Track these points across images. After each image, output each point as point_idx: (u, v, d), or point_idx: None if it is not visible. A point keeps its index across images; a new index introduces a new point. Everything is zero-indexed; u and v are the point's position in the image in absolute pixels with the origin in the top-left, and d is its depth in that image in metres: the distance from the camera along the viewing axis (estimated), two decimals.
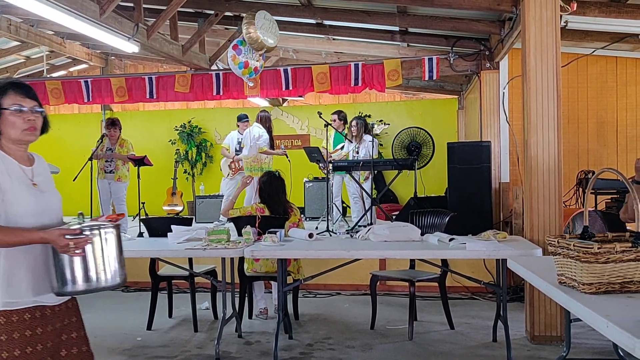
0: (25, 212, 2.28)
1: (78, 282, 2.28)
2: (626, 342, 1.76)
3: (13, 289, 2.23)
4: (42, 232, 2.23)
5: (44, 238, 2.22)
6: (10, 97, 2.32)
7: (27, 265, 2.27)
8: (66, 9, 5.37)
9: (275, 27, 6.90)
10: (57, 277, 2.28)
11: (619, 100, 7.82)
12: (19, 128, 2.33)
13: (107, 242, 2.32)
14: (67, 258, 2.24)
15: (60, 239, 2.20)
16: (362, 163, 7.64)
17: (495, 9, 5.80)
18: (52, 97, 8.20)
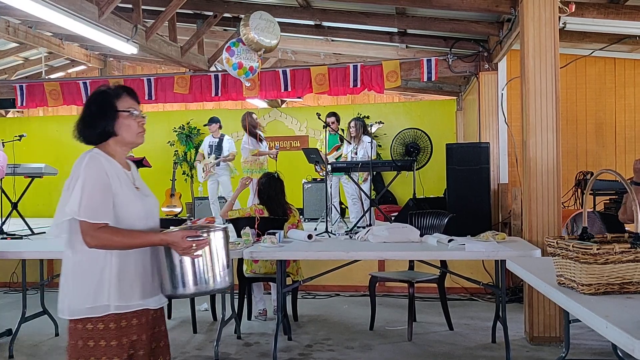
0: (136, 215, 2.29)
1: (190, 285, 2.26)
2: (625, 343, 1.76)
3: (124, 292, 2.22)
4: (162, 234, 2.24)
5: (164, 240, 2.22)
6: (125, 100, 2.35)
7: (137, 268, 2.26)
8: (65, 11, 5.37)
9: (273, 27, 6.88)
10: (169, 279, 2.26)
11: (618, 101, 7.83)
12: (134, 131, 2.35)
13: (219, 244, 2.32)
14: (180, 260, 2.23)
15: (183, 241, 2.20)
16: (361, 164, 7.64)
17: (493, 11, 5.81)
18: (51, 98, 8.20)
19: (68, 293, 2.22)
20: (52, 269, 6.74)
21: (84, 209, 2.15)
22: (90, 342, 2.17)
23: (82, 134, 2.34)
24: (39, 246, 5.30)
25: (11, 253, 4.72)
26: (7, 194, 8.52)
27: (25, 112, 13.05)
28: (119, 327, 2.20)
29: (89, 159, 2.23)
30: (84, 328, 2.18)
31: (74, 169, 2.23)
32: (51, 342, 4.98)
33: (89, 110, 2.33)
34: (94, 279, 2.19)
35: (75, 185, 2.18)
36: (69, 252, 2.25)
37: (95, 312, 2.18)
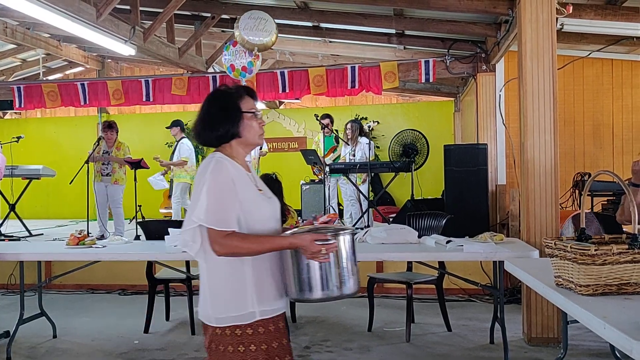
0: (263, 218, 2.25)
1: (317, 289, 2.20)
2: (623, 344, 1.76)
3: (265, 296, 2.19)
4: (291, 238, 2.18)
5: (292, 243, 2.16)
6: (247, 101, 2.31)
7: (272, 271, 2.24)
8: (62, 12, 5.37)
9: (264, 24, 6.77)
10: (296, 282, 2.21)
11: (615, 102, 7.84)
12: (256, 132, 2.31)
13: (348, 248, 2.23)
14: (307, 263, 2.18)
15: (313, 245, 2.13)
16: (359, 166, 7.65)
17: (491, 12, 5.82)
18: (49, 100, 8.19)
19: (209, 301, 2.20)
20: (50, 271, 6.73)
21: (211, 216, 2.11)
22: (241, 348, 2.15)
23: (202, 136, 2.30)
24: (37, 248, 5.30)
25: (9, 255, 4.71)
26: (5, 196, 8.51)
27: (23, 114, 13.03)
28: (267, 331, 2.18)
29: (215, 163, 2.19)
30: (232, 334, 2.16)
31: (200, 174, 2.19)
32: (49, 344, 4.97)
33: (212, 112, 2.28)
34: (233, 286, 2.17)
35: (201, 192, 2.13)
36: (202, 260, 2.22)
37: (242, 320, 2.16)
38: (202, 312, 2.24)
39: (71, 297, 6.77)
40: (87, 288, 7.05)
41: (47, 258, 5.64)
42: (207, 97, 2.37)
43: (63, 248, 4.78)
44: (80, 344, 5.00)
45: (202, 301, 2.25)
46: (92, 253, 4.61)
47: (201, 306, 2.25)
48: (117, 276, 6.94)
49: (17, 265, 5.08)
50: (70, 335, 5.23)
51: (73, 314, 6.00)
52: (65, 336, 5.18)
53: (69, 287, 7.01)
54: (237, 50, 7.07)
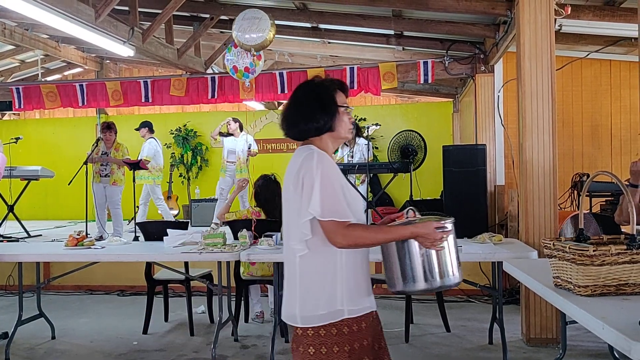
0: (359, 210, 2.22)
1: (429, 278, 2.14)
2: (622, 344, 1.76)
3: (355, 294, 2.15)
4: (412, 227, 2.11)
5: (414, 232, 2.10)
6: (340, 95, 2.29)
7: (362, 268, 2.21)
8: (61, 13, 5.36)
9: (258, 22, 6.70)
10: (402, 274, 2.16)
11: (613, 103, 7.85)
12: (347, 126, 2.29)
13: (453, 236, 2.19)
14: (423, 253, 2.12)
15: (436, 232, 2.08)
16: (358, 166, 7.65)
17: (490, 13, 5.82)
18: (48, 100, 8.18)
19: (298, 299, 2.15)
20: (49, 272, 6.73)
21: (329, 209, 2.06)
22: (323, 349, 2.09)
23: (296, 128, 2.25)
24: (36, 249, 5.30)
25: (7, 256, 4.70)
26: (4, 197, 8.51)
27: (22, 115, 13.03)
28: (351, 331, 2.12)
29: (318, 155, 2.14)
30: (316, 334, 2.10)
31: (303, 167, 2.13)
32: (48, 345, 4.96)
33: (308, 103, 2.24)
34: (327, 284, 2.12)
35: (313, 185, 2.08)
36: (297, 257, 2.15)
37: (329, 319, 2.10)
38: (287, 312, 2.19)
39: (70, 298, 6.77)
40: (86, 289, 7.05)
41: (46, 259, 5.63)
42: (301, 89, 2.32)
43: (62, 249, 4.78)
44: (79, 345, 5.00)
45: (287, 301, 2.20)
46: (90, 254, 4.62)
47: (286, 306, 2.20)
48: (116, 277, 6.94)
49: (16, 266, 5.08)
50: (68, 336, 5.23)
51: (72, 315, 5.99)
52: (63, 337, 5.17)
53: (68, 288, 7.01)
54: (239, 51, 7.06)
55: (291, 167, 2.19)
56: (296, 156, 2.20)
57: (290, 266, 2.20)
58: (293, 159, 2.21)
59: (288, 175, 2.20)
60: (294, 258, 2.16)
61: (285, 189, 2.22)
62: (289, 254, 2.19)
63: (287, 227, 2.22)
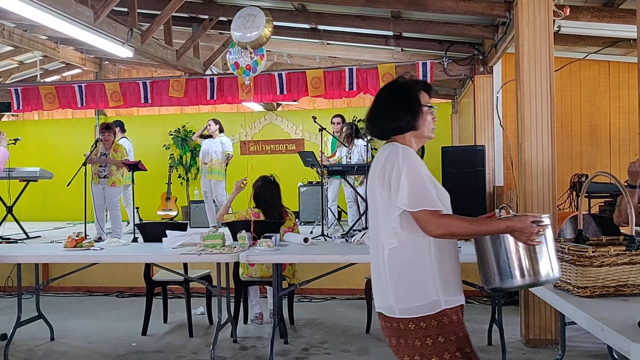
0: (448, 203, 2.23)
1: (522, 275, 2.09)
2: (621, 345, 1.77)
3: (448, 286, 2.16)
4: (508, 220, 2.07)
5: (510, 226, 2.05)
6: (424, 95, 2.33)
7: (452, 261, 2.21)
8: (60, 14, 5.36)
9: (253, 20, 6.68)
10: (499, 270, 2.11)
11: (612, 103, 7.86)
12: (430, 126, 2.33)
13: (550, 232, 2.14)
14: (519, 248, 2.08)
15: (532, 226, 2.03)
16: (357, 167, 7.65)
17: (488, 14, 5.83)
18: (46, 102, 8.17)
19: (392, 291, 2.17)
20: (48, 273, 6.72)
21: (419, 199, 2.08)
22: (429, 340, 2.12)
23: (382, 125, 2.30)
24: (34, 250, 5.29)
25: (6, 257, 4.70)
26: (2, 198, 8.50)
27: (20, 116, 13.01)
28: (451, 321, 2.15)
29: (403, 150, 2.17)
30: (417, 327, 2.13)
31: (388, 163, 2.16)
32: (46, 347, 4.96)
33: (394, 102, 2.28)
34: (420, 275, 2.14)
35: (400, 178, 2.10)
36: (385, 250, 2.17)
37: (427, 310, 2.12)
38: (382, 304, 2.21)
39: (69, 299, 6.76)
40: (85, 290, 7.05)
41: (45, 260, 5.63)
42: (386, 89, 2.37)
43: (61, 250, 4.78)
44: (78, 346, 4.99)
45: (380, 293, 2.23)
46: (89, 255, 4.61)
47: (380, 298, 2.23)
48: (115, 278, 6.94)
49: (15, 267, 5.07)
50: (67, 337, 5.22)
51: (70, 316, 5.99)
52: (62, 339, 5.17)
53: (67, 289, 7.00)
54: (240, 50, 7.07)
55: (375, 165, 2.24)
56: (380, 154, 2.25)
57: (378, 259, 2.22)
58: (377, 157, 2.27)
59: (372, 173, 2.25)
60: (382, 251, 2.19)
61: (370, 187, 2.27)
62: (378, 248, 2.22)
63: (376, 223, 2.24)
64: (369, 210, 2.32)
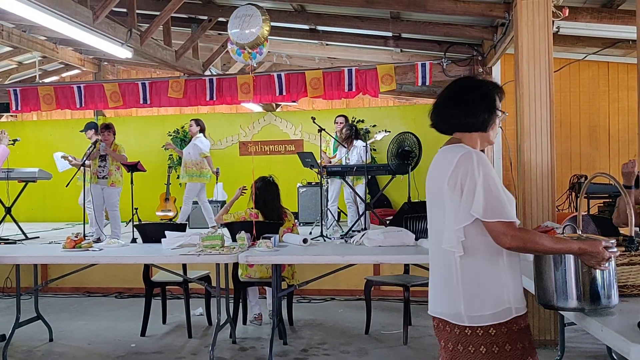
0: (514, 210, 2.17)
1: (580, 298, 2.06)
2: (621, 346, 1.76)
3: (518, 295, 2.13)
4: (580, 242, 2.04)
5: (582, 249, 2.02)
6: (498, 101, 2.28)
7: (519, 272, 2.19)
8: (59, 15, 5.36)
9: (250, 20, 6.53)
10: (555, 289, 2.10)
11: (611, 104, 7.87)
12: (496, 132, 2.30)
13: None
14: (585, 271, 2.04)
15: (604, 251, 2.00)
16: (356, 168, 7.65)
17: (487, 15, 5.83)
18: (44, 103, 8.15)
19: (462, 298, 2.10)
20: (46, 274, 6.71)
21: (494, 210, 2.03)
22: (495, 348, 2.07)
23: (451, 120, 2.24)
24: (33, 251, 5.28)
25: (5, 258, 4.69)
26: (1, 199, 8.49)
27: (19, 117, 13.00)
28: (520, 329, 2.11)
29: (477, 156, 2.11)
30: (486, 333, 2.08)
31: (461, 167, 2.09)
32: (45, 348, 4.95)
33: (473, 99, 2.22)
34: (493, 283, 2.10)
35: (475, 187, 2.04)
36: (456, 257, 2.11)
37: (499, 318, 2.07)
38: (447, 310, 2.15)
39: (67, 300, 6.75)
40: (84, 291, 7.04)
41: (44, 261, 5.63)
42: (464, 84, 2.30)
43: (59, 251, 4.78)
44: (77, 347, 4.99)
45: (448, 300, 2.15)
46: (88, 256, 4.61)
47: (443, 304, 2.16)
48: (114, 279, 6.93)
49: (14, 268, 5.06)
50: (66, 338, 5.22)
51: (69, 317, 5.98)
52: (61, 339, 5.16)
53: (66, 290, 6.99)
54: None
55: (442, 165, 2.17)
56: (447, 153, 2.18)
57: (446, 265, 2.15)
58: (443, 156, 2.20)
59: (438, 173, 2.19)
60: (451, 257, 2.13)
61: (435, 189, 2.20)
62: (445, 254, 2.15)
63: (441, 227, 2.17)
64: (431, 213, 2.26)
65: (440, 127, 2.30)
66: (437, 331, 2.24)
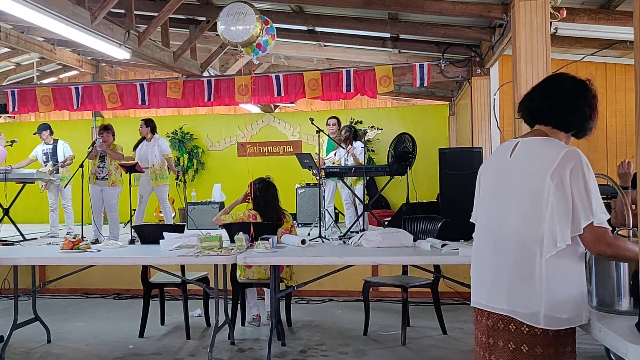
0: None
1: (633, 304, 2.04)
2: (619, 347, 1.77)
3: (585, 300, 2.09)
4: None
5: None
6: None
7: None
8: (57, 16, 5.35)
9: (243, 18, 6.43)
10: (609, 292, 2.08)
11: (609, 106, 7.88)
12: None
13: None
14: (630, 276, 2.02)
15: None
16: (354, 169, 7.65)
17: (485, 16, 5.84)
18: (42, 104, 8.15)
19: (544, 300, 2.03)
20: (44, 275, 6.70)
21: (599, 214, 1.98)
22: (551, 350, 2.04)
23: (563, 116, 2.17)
24: (31, 252, 5.27)
25: (3, 259, 4.68)
26: None
27: (17, 118, 12.99)
28: (573, 332, 2.09)
29: (583, 156, 2.05)
30: (544, 334, 2.04)
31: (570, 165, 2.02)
32: (43, 349, 4.94)
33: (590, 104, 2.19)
34: (574, 288, 2.05)
35: (588, 189, 1.99)
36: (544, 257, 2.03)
37: (572, 323, 2.04)
38: (525, 309, 2.06)
39: (65, 301, 6.74)
40: (82, 292, 7.03)
41: (42, 262, 5.61)
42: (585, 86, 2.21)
43: (57, 252, 4.77)
44: (75, 348, 4.98)
45: (524, 298, 2.06)
46: (86, 257, 4.60)
47: (522, 304, 2.07)
48: (112, 280, 6.92)
49: (11, 269, 5.05)
50: (64, 340, 5.21)
51: (67, 318, 5.97)
52: (59, 341, 5.15)
53: (63, 291, 6.98)
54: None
55: (540, 156, 2.10)
56: (545, 145, 2.12)
57: (527, 262, 2.07)
58: (539, 148, 2.13)
59: (532, 164, 2.11)
60: (535, 255, 2.05)
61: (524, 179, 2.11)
62: (525, 250, 2.07)
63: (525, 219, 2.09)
64: (507, 204, 2.16)
65: (540, 118, 2.21)
66: (494, 331, 2.15)
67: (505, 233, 2.15)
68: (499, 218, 2.19)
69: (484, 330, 2.21)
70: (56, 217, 9.01)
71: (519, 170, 2.14)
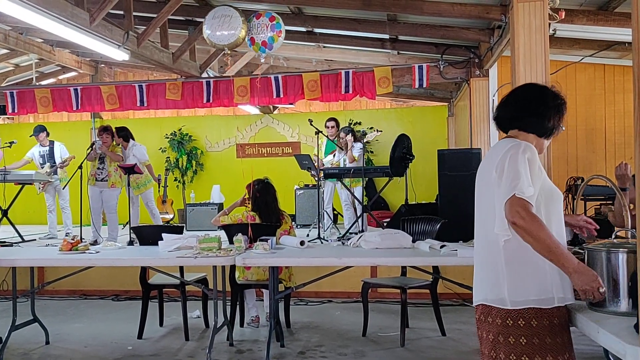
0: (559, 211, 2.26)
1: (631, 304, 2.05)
2: (617, 348, 1.77)
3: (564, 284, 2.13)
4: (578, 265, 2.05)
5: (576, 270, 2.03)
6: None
7: None
8: (56, 17, 5.35)
9: (230, 21, 6.46)
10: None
11: (607, 107, 7.89)
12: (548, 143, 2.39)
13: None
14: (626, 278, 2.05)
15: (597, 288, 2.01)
16: (353, 170, 7.65)
17: (484, 17, 5.85)
18: (41, 105, 8.14)
19: (506, 282, 2.14)
20: (43, 277, 6.69)
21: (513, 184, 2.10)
22: (535, 340, 2.10)
23: (520, 117, 2.32)
24: (30, 253, 5.27)
25: (2, 260, 4.68)
26: None
27: (16, 119, 12.98)
28: (560, 323, 2.13)
29: (526, 146, 2.20)
30: (527, 324, 2.10)
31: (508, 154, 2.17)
32: (42, 350, 4.94)
33: (547, 103, 2.30)
34: (537, 269, 2.12)
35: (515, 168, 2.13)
36: (501, 242, 2.16)
37: (542, 304, 2.10)
38: (491, 295, 2.19)
39: (64, 303, 6.73)
40: (80, 294, 7.02)
41: (40, 264, 5.61)
42: (541, 89, 2.36)
43: (56, 254, 4.76)
44: (73, 350, 4.98)
45: (488, 284, 2.22)
46: (85, 259, 4.60)
47: (487, 290, 2.21)
48: (111, 282, 6.91)
49: (10, 271, 5.05)
50: (63, 341, 5.20)
51: (66, 319, 5.97)
52: (58, 342, 5.15)
53: (62, 292, 6.97)
54: (260, 24, 6.84)
55: (492, 157, 2.25)
56: (499, 147, 2.26)
57: (492, 252, 2.21)
58: (495, 150, 2.29)
59: (488, 163, 2.29)
60: (497, 243, 2.18)
61: (484, 178, 2.30)
62: (490, 242, 2.21)
63: (487, 214, 2.24)
64: (479, 205, 2.34)
65: (504, 121, 2.39)
66: (479, 323, 2.27)
67: (480, 232, 2.34)
68: (479, 218, 2.36)
69: (476, 324, 2.32)
70: (54, 218, 9.00)
71: (481, 171, 2.36)
